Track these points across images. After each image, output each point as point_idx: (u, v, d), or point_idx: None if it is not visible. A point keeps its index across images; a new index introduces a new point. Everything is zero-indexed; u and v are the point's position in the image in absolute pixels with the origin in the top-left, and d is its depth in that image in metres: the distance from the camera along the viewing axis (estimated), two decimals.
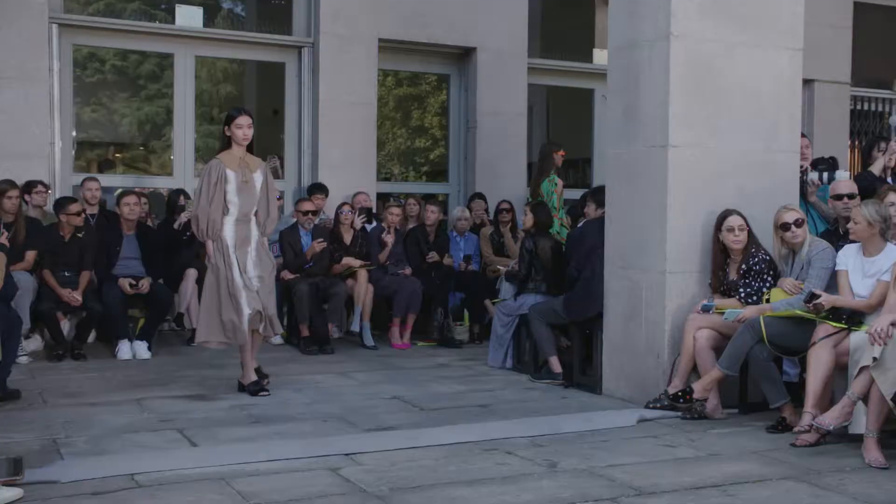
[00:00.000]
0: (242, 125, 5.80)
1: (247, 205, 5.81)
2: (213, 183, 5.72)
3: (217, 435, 4.86)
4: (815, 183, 6.52)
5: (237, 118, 5.80)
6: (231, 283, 5.70)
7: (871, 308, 5.01)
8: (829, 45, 9.94)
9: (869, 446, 4.52)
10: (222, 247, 5.75)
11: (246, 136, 5.81)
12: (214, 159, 5.83)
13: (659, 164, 5.67)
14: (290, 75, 9.31)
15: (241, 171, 5.78)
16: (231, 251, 5.75)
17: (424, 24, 9.38)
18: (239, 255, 5.77)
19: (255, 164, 5.91)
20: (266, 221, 5.95)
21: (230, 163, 5.78)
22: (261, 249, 5.88)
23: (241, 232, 5.80)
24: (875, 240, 5.10)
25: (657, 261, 5.68)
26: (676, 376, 5.49)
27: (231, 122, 5.82)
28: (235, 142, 5.81)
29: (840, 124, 10.26)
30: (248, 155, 5.89)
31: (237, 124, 5.80)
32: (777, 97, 5.91)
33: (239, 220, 5.79)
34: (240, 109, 5.91)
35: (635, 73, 5.85)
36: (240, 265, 5.75)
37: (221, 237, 5.74)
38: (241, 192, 5.77)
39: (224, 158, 5.81)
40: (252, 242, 5.82)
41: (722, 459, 4.55)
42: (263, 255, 5.91)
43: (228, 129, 5.83)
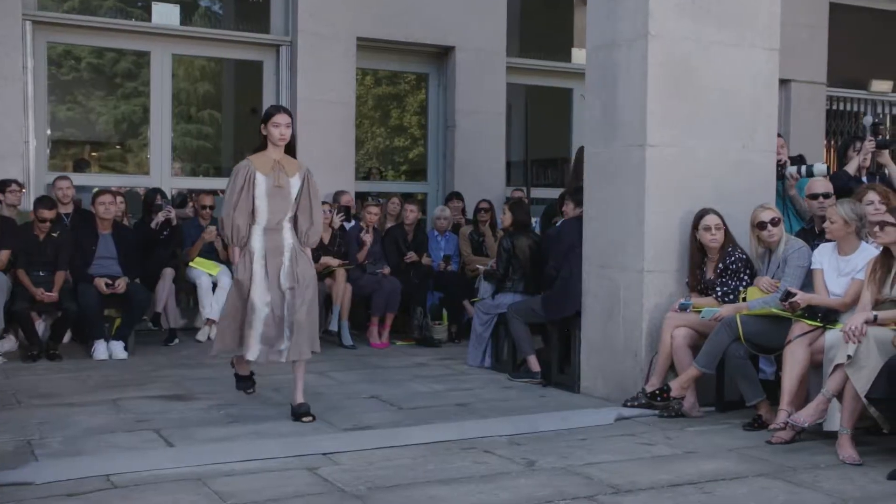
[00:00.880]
0: (280, 124, 5.15)
1: (278, 212, 5.16)
2: (238, 187, 5.10)
3: (194, 435, 4.83)
4: (794, 176, 6.58)
5: (274, 116, 5.18)
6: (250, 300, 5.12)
7: (846, 306, 5.05)
8: (805, 46, 10.02)
9: (843, 443, 4.56)
10: (248, 257, 5.16)
11: (283, 137, 5.16)
12: (245, 160, 5.24)
13: (637, 163, 5.69)
14: (267, 74, 9.28)
15: (275, 175, 5.13)
16: (258, 262, 5.14)
17: (403, 22, 9.37)
18: (270, 266, 5.14)
19: (292, 168, 5.23)
20: (308, 231, 5.28)
21: (262, 165, 5.14)
22: (296, 261, 5.19)
23: (272, 242, 5.17)
24: (850, 239, 5.15)
25: (635, 260, 5.70)
26: (654, 375, 5.52)
27: (268, 119, 5.20)
28: (271, 142, 5.18)
29: (816, 124, 10.34)
30: (287, 157, 5.24)
31: (274, 122, 5.16)
32: (754, 97, 5.95)
33: (269, 230, 5.16)
34: (278, 107, 5.32)
35: (613, 72, 5.87)
36: (269, 278, 5.13)
37: (248, 247, 5.16)
38: (273, 197, 5.13)
39: (256, 160, 5.17)
40: (286, 252, 5.18)
41: (699, 457, 4.57)
42: (299, 266, 5.19)
43: (264, 128, 5.20)
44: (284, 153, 5.24)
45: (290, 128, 5.21)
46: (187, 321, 8.46)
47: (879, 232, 4.76)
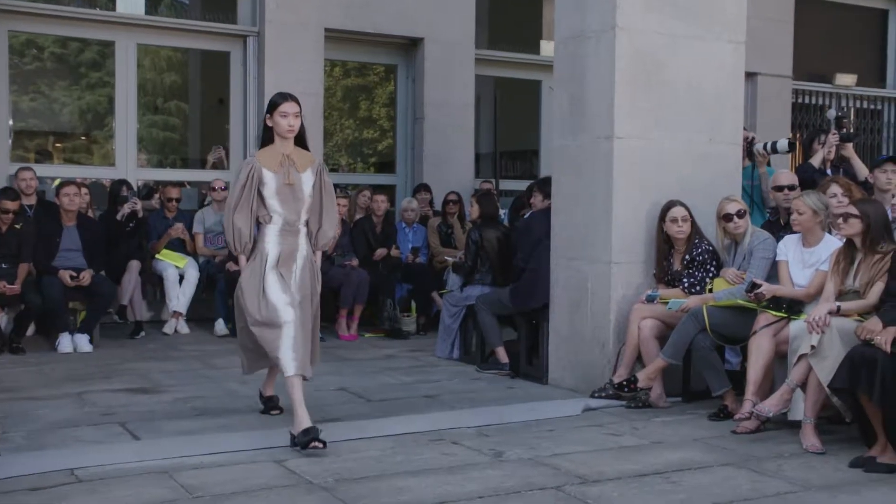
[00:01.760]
0: (287, 113, 4.60)
1: (292, 212, 4.64)
2: (240, 185, 4.59)
3: (160, 428, 4.79)
4: (761, 153, 6.73)
5: (281, 105, 4.61)
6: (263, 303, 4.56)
7: (810, 297, 5.11)
8: (771, 39, 10.11)
9: (807, 432, 4.62)
10: (259, 260, 4.61)
11: (291, 128, 4.61)
12: (250, 156, 4.78)
13: (604, 155, 5.71)
14: (234, 64, 9.20)
15: (285, 171, 4.60)
16: (271, 267, 4.60)
17: (371, 13, 9.32)
18: (283, 272, 4.60)
19: (304, 162, 4.68)
20: (318, 234, 4.76)
21: (269, 161, 4.61)
22: (307, 270, 4.69)
23: (288, 246, 4.64)
24: (815, 230, 5.21)
25: (603, 251, 5.73)
26: (621, 366, 5.55)
27: (273, 109, 4.63)
28: (279, 134, 4.63)
29: (782, 117, 10.44)
30: (298, 150, 4.69)
31: (281, 112, 4.60)
32: (720, 90, 5.99)
33: (284, 231, 4.64)
34: (285, 94, 4.69)
35: (581, 64, 5.89)
36: (284, 282, 4.59)
37: (261, 250, 4.62)
38: (284, 196, 4.60)
39: (262, 156, 4.64)
40: (298, 260, 4.65)
41: (665, 447, 4.61)
42: (309, 276, 4.70)
43: (270, 119, 4.65)
44: (295, 146, 4.70)
45: (299, 117, 4.65)
46: (154, 314, 8.40)
47: (843, 224, 4.82)
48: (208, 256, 8.26)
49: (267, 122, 4.68)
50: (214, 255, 8.23)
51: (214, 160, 9.37)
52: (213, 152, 9.42)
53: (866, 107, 11.16)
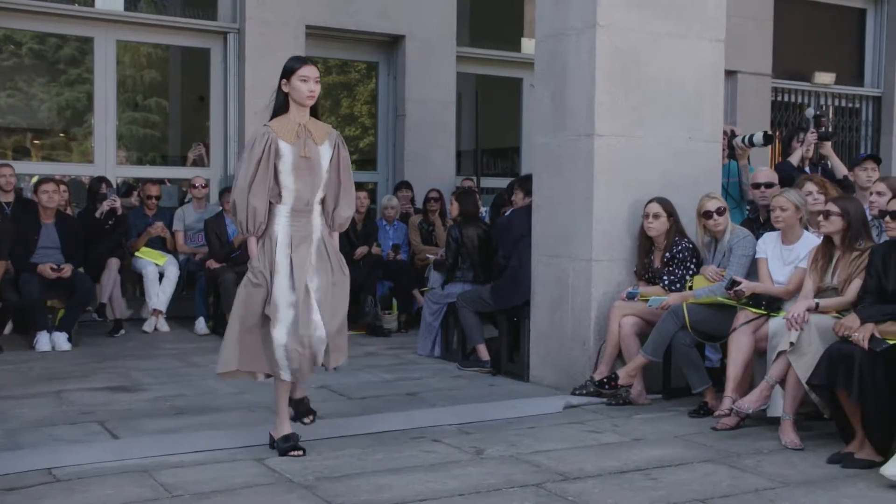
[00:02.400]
0: (308, 77, 4.16)
1: (307, 189, 4.20)
2: (256, 159, 4.11)
3: (139, 427, 4.76)
4: (740, 146, 6.79)
5: (300, 68, 4.16)
6: (270, 299, 4.15)
7: (789, 294, 5.14)
8: (751, 38, 10.16)
9: (785, 429, 4.65)
10: (269, 246, 4.19)
11: (312, 93, 4.18)
12: (263, 126, 4.22)
13: (585, 152, 5.72)
14: (215, 61, 9.15)
15: (302, 143, 4.17)
16: (281, 252, 4.17)
17: (352, 11, 9.30)
18: (295, 259, 4.16)
19: (321, 134, 4.25)
20: (335, 213, 4.31)
21: (285, 131, 4.16)
22: (324, 252, 4.25)
23: (300, 227, 4.20)
24: (796, 227, 5.24)
25: (583, 249, 5.74)
26: (602, 363, 5.57)
27: (291, 74, 4.17)
28: (296, 101, 4.19)
29: (762, 115, 10.50)
30: (314, 121, 4.27)
31: (301, 75, 4.15)
32: (700, 88, 6.01)
33: (296, 211, 4.19)
34: (303, 58, 4.29)
35: (562, 62, 5.89)
36: (294, 274, 4.15)
37: (270, 233, 4.19)
38: (300, 171, 4.17)
39: (276, 125, 4.17)
40: (313, 242, 4.22)
41: (645, 444, 4.63)
42: (329, 261, 4.25)
43: (287, 84, 4.19)
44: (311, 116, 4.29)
45: (319, 83, 4.22)
46: (133, 312, 8.35)
47: (824, 221, 4.85)
48: (188, 254, 8.22)
49: (283, 87, 4.22)
50: (195, 253, 8.20)
51: (195, 157, 9.32)
52: (194, 149, 9.36)
53: (845, 105, 11.24)
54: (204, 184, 8.52)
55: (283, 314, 4.16)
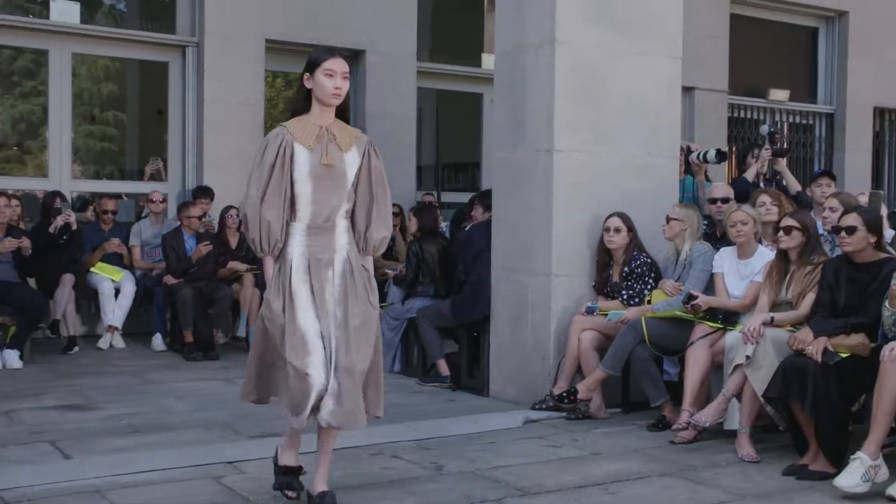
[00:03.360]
0: (335, 72, 3.58)
1: (328, 203, 3.60)
2: (269, 164, 3.53)
3: (92, 446, 4.67)
4: (697, 162, 6.92)
5: (325, 61, 3.59)
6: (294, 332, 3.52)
7: (745, 308, 5.20)
8: (708, 55, 10.29)
9: (742, 441, 4.69)
10: (284, 269, 3.59)
11: (338, 91, 3.60)
12: (279, 126, 3.64)
13: (544, 168, 5.75)
14: (173, 75, 9.06)
15: (322, 148, 3.58)
16: (299, 276, 3.57)
17: (312, 25, 9.27)
18: (315, 283, 3.56)
19: (348, 139, 3.66)
20: (367, 234, 3.72)
21: (303, 134, 3.58)
22: (349, 276, 3.62)
23: (319, 247, 3.60)
24: (751, 242, 5.31)
25: (543, 264, 5.75)
26: (561, 377, 5.58)
27: (316, 67, 3.59)
28: (319, 99, 3.61)
29: (718, 130, 10.62)
30: (340, 124, 3.69)
31: (326, 69, 3.58)
32: (658, 104, 6.07)
33: (314, 229, 3.60)
34: (330, 49, 3.72)
35: (521, 77, 5.92)
36: (316, 299, 3.56)
37: (284, 255, 3.60)
38: (319, 181, 3.57)
39: (294, 127, 3.60)
40: (337, 264, 3.62)
41: (604, 458, 4.64)
42: (354, 287, 3.62)
43: (310, 78, 3.62)
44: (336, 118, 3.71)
45: (348, 80, 3.63)
46: (88, 328, 8.21)
47: (785, 236, 4.91)
48: (145, 270, 8.12)
49: (305, 83, 3.64)
50: (152, 269, 8.09)
51: (152, 172, 9.21)
52: (151, 164, 9.25)
53: (799, 121, 11.42)
54: (161, 198, 8.43)
55: (314, 347, 3.50)
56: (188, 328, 7.43)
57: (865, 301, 4.54)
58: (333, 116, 3.68)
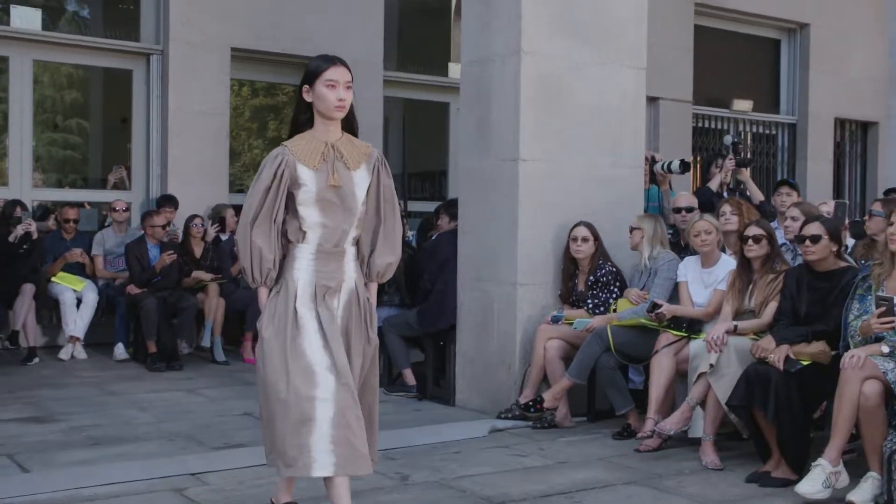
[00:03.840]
0: (337, 82, 3.27)
1: (338, 226, 3.30)
2: (263, 187, 3.25)
3: (52, 459, 4.60)
4: (660, 172, 6.96)
5: (326, 70, 3.27)
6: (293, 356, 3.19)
7: (709, 316, 5.24)
8: (672, 65, 10.39)
9: (706, 449, 4.72)
10: (286, 295, 3.26)
11: (342, 103, 3.28)
12: (280, 146, 3.33)
13: (510, 177, 5.76)
14: (137, 83, 8.98)
15: (329, 168, 3.28)
16: (305, 305, 3.25)
17: (278, 34, 9.24)
18: (322, 311, 3.25)
19: (356, 155, 3.35)
20: (371, 259, 3.41)
21: (307, 153, 3.28)
22: (354, 310, 3.34)
23: (329, 274, 3.30)
24: (714, 251, 5.35)
25: (508, 273, 5.76)
26: (527, 386, 5.58)
27: (315, 77, 3.28)
28: (322, 113, 3.31)
29: (683, 140, 10.71)
30: (347, 138, 3.38)
31: (328, 80, 3.26)
32: (622, 114, 6.11)
33: (324, 254, 3.30)
34: (331, 58, 3.33)
35: (487, 87, 5.94)
36: (325, 329, 3.22)
37: (288, 280, 3.28)
38: (327, 203, 3.28)
39: (296, 146, 3.30)
40: (343, 294, 3.32)
41: (570, 467, 4.65)
42: (357, 320, 3.34)
43: (309, 91, 3.30)
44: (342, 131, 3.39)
45: (351, 90, 3.31)
46: (49, 339, 8.10)
47: (754, 245, 4.95)
48: (108, 279, 8.02)
49: (304, 96, 3.32)
50: (115, 278, 8.00)
51: (116, 180, 9.12)
52: (115, 172, 9.16)
53: (762, 131, 11.56)
54: (125, 207, 8.34)
55: (323, 380, 3.15)
56: (151, 338, 7.35)
57: (826, 309, 4.59)
58: (339, 130, 3.36)
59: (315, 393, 3.13)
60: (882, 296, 4.22)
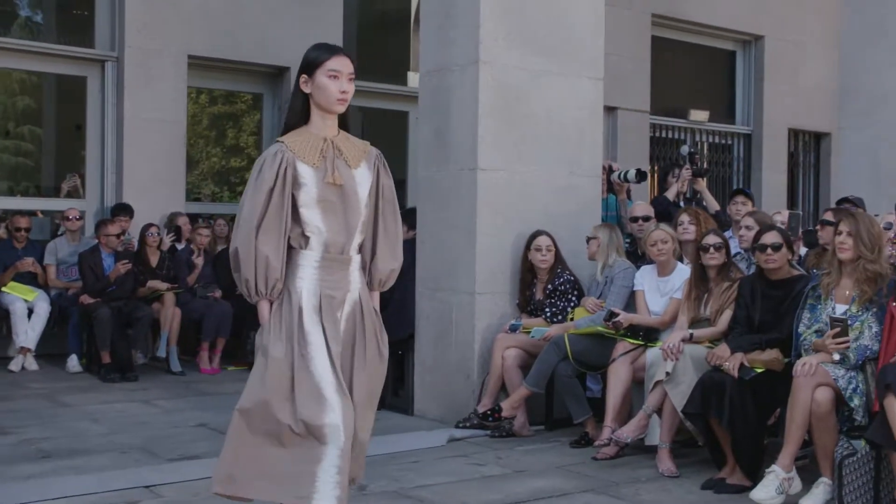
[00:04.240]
0: (340, 73, 3.04)
1: (342, 229, 3.04)
2: (266, 187, 2.97)
3: (2, 473, 4.50)
4: (616, 182, 7.02)
5: (328, 60, 3.04)
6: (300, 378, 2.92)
7: (665, 325, 5.29)
8: (630, 76, 10.49)
9: (662, 457, 4.76)
10: (290, 307, 2.99)
11: (344, 96, 3.05)
12: (276, 143, 3.08)
13: (468, 186, 5.77)
14: (92, 90, 8.85)
15: (329, 165, 3.03)
16: (310, 319, 2.97)
17: (236, 41, 9.18)
18: (327, 325, 2.98)
19: (356, 153, 3.12)
20: (373, 265, 3.15)
21: (306, 149, 3.03)
22: (360, 322, 3.07)
23: (334, 284, 3.03)
24: (670, 260, 5.41)
25: (467, 282, 5.77)
26: (486, 395, 5.59)
27: (316, 67, 3.04)
28: (321, 106, 3.07)
29: (641, 150, 10.81)
30: (344, 135, 3.14)
31: (330, 70, 3.03)
32: (580, 124, 6.16)
33: (329, 261, 3.03)
34: (332, 47, 3.10)
35: (446, 97, 5.95)
36: (330, 347, 2.96)
37: (291, 291, 3.00)
38: (329, 204, 3.02)
39: (293, 142, 3.04)
40: (347, 306, 3.05)
41: (528, 475, 4.65)
42: (369, 334, 3.08)
43: (308, 82, 3.06)
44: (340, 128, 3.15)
45: (353, 82, 3.07)
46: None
47: (715, 253, 5.00)
48: (61, 289, 7.89)
49: (302, 87, 3.08)
50: (67, 288, 7.87)
51: (69, 188, 8.98)
52: (69, 180, 9.02)
53: (718, 141, 11.71)
54: (78, 216, 8.21)
55: (334, 404, 2.89)
56: (105, 349, 7.24)
57: (780, 317, 4.66)
58: (336, 126, 3.12)
59: (325, 420, 2.86)
60: (835, 317, 4.29)
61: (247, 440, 2.94)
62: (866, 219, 4.47)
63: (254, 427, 2.92)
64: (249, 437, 2.93)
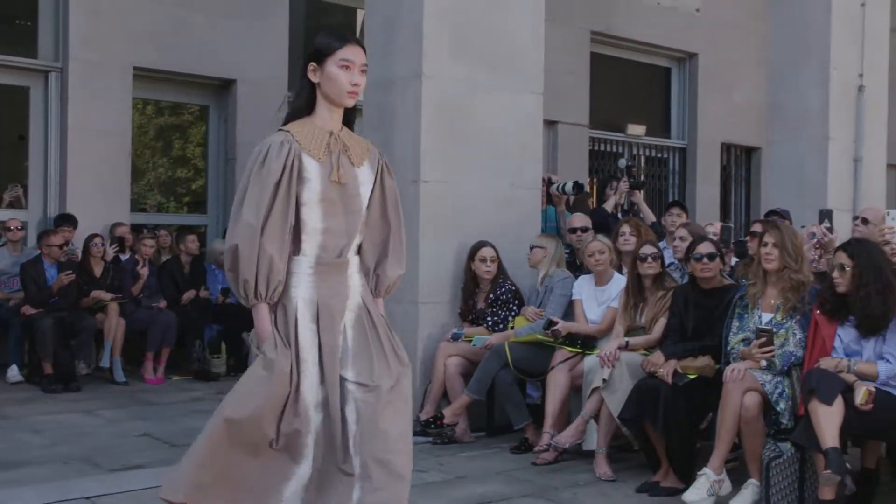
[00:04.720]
0: (353, 63, 2.83)
1: (341, 231, 2.85)
2: (273, 180, 2.74)
3: None
4: (555, 193, 7.17)
5: (340, 49, 2.82)
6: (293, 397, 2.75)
7: (602, 333, 5.45)
8: (570, 91, 10.70)
9: (599, 461, 4.90)
10: (287, 316, 2.80)
11: (356, 89, 2.85)
12: (278, 132, 2.85)
13: (411, 198, 5.87)
14: (35, 101, 8.78)
15: (335, 161, 2.83)
16: (306, 326, 2.79)
17: (182, 53, 9.18)
18: (325, 337, 2.79)
19: (359, 150, 2.91)
20: (378, 271, 2.97)
21: (312, 142, 2.82)
22: (370, 329, 2.86)
23: (331, 289, 2.84)
24: (608, 270, 5.57)
25: (410, 292, 5.86)
26: (428, 403, 5.68)
27: (327, 56, 2.82)
28: (330, 97, 2.86)
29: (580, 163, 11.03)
30: (347, 131, 2.94)
31: (342, 60, 2.82)
32: (521, 137, 6.30)
33: (325, 265, 2.84)
34: (344, 35, 2.87)
35: (390, 109, 6.05)
36: (323, 360, 2.78)
37: (286, 299, 2.81)
38: (330, 204, 2.82)
39: (299, 132, 2.83)
40: (349, 313, 2.86)
41: (469, 481, 4.75)
42: (383, 340, 2.88)
43: (317, 71, 2.85)
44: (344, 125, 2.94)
45: (365, 74, 2.86)
46: None
47: (653, 262, 5.16)
48: (2, 300, 7.81)
49: (310, 75, 2.86)
50: (8, 299, 7.78)
51: (11, 199, 8.88)
52: (10, 190, 8.92)
53: (654, 155, 11.99)
54: (20, 226, 8.13)
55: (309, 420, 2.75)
56: (47, 359, 7.18)
57: (712, 325, 4.83)
58: (341, 121, 2.92)
59: (305, 440, 2.74)
60: (762, 328, 4.48)
61: (223, 449, 2.74)
62: (790, 230, 4.68)
63: (237, 438, 2.74)
64: (226, 447, 2.74)
